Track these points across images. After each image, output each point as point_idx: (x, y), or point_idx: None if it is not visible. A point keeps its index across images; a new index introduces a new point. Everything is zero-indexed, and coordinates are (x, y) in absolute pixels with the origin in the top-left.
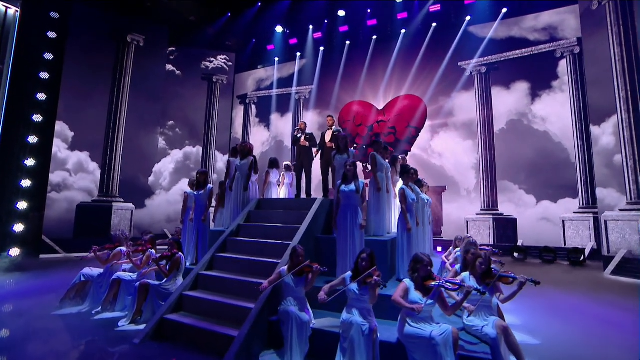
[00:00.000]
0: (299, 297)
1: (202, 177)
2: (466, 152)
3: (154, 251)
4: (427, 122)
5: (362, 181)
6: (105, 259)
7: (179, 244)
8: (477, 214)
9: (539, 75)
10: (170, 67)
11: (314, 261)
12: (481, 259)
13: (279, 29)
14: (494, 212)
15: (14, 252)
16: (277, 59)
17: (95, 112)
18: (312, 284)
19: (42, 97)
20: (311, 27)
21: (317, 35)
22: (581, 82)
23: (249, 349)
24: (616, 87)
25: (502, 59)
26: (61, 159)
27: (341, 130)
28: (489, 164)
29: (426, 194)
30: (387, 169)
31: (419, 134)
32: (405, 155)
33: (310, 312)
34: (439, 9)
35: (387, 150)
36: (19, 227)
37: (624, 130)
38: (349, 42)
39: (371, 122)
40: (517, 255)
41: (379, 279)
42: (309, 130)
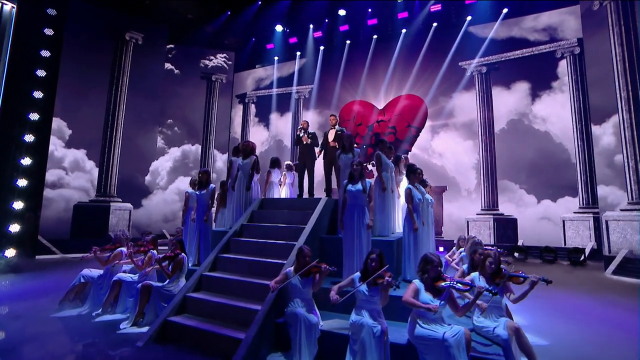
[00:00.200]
0: (306, 299)
1: (204, 177)
2: (466, 152)
3: (156, 252)
4: (428, 122)
5: (369, 181)
6: (105, 260)
7: (182, 244)
8: (477, 214)
9: (539, 75)
10: (168, 65)
11: (320, 261)
12: (491, 259)
13: (279, 28)
14: (495, 212)
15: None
16: (277, 58)
17: (92, 111)
18: (320, 284)
19: (38, 95)
20: (311, 26)
21: (317, 34)
22: (581, 83)
23: (256, 351)
24: (617, 88)
25: (502, 59)
26: (57, 158)
27: (344, 129)
28: (489, 164)
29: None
30: (391, 169)
31: (419, 133)
32: (406, 155)
33: (317, 313)
34: (439, 8)
35: (391, 149)
36: (14, 228)
37: (625, 130)
38: (349, 42)
39: (371, 121)
40: (518, 255)
41: (391, 279)
42: (309, 130)
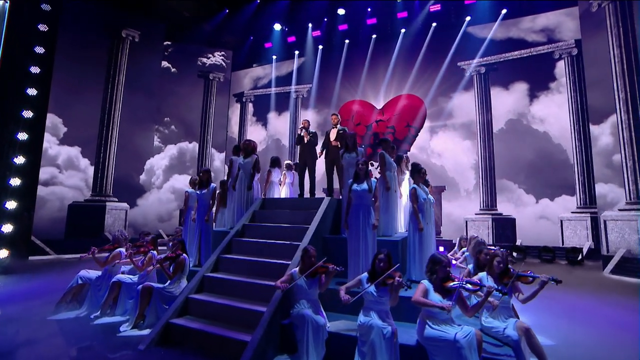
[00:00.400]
0: (312, 299)
1: (205, 176)
2: (465, 152)
3: (156, 252)
4: (427, 122)
5: (375, 180)
6: (104, 261)
7: (183, 245)
8: (476, 214)
9: (538, 76)
10: (165, 63)
11: (326, 261)
12: (499, 258)
13: (277, 27)
14: (493, 212)
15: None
16: (275, 57)
17: (87, 109)
18: (327, 285)
19: (32, 92)
20: (310, 25)
21: (316, 33)
22: (579, 84)
23: (263, 354)
24: (615, 88)
25: (501, 60)
26: (51, 156)
27: (346, 129)
28: (488, 164)
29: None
30: (394, 168)
31: (418, 133)
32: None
33: (324, 314)
34: (439, 8)
35: (394, 149)
36: (7, 228)
37: (624, 131)
38: (348, 41)
39: (370, 121)
40: (516, 254)
41: (401, 279)
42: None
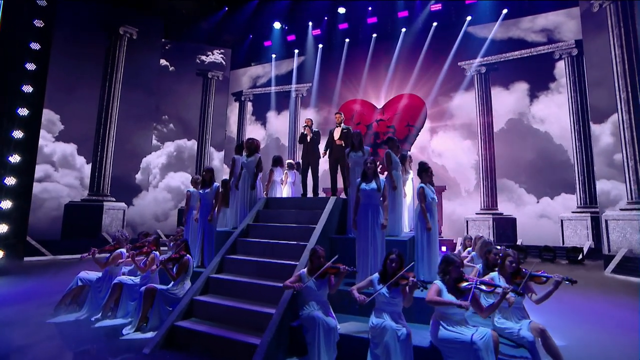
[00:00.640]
0: (322, 301)
1: (208, 175)
2: (465, 151)
3: (158, 253)
4: (427, 121)
5: (383, 179)
6: (104, 262)
7: (187, 245)
8: (476, 214)
9: (538, 76)
10: (163, 61)
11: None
12: (511, 258)
13: (277, 25)
14: (494, 211)
15: None
16: (274, 56)
17: (84, 106)
18: (337, 286)
19: (27, 89)
20: (310, 24)
21: (316, 32)
22: (579, 84)
23: (272, 357)
24: (617, 89)
25: (501, 60)
26: (46, 153)
27: (350, 127)
28: (488, 163)
29: None
30: (400, 168)
31: (419, 133)
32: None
33: (334, 316)
34: (439, 8)
35: (399, 148)
36: (2, 228)
37: (625, 130)
38: (348, 40)
39: (370, 121)
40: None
41: (415, 279)
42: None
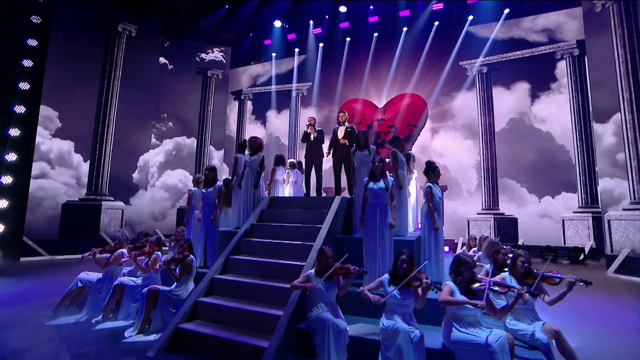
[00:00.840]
0: (331, 302)
1: (211, 174)
2: (467, 151)
3: (160, 253)
4: (428, 121)
5: (391, 178)
6: (105, 262)
7: (190, 245)
8: (478, 214)
9: (539, 76)
10: (162, 59)
11: (345, 262)
12: (522, 258)
13: (278, 24)
14: (495, 211)
15: None
16: (275, 55)
17: (82, 104)
18: (347, 287)
19: (24, 86)
20: (311, 23)
21: (317, 31)
22: (580, 84)
23: None
24: (620, 89)
25: (502, 60)
26: (43, 151)
27: (354, 126)
28: (489, 163)
29: None
30: (405, 167)
31: (420, 133)
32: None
33: (343, 318)
34: (441, 7)
35: (404, 147)
36: None
37: (628, 130)
38: (349, 39)
39: (371, 120)
40: None
41: (429, 280)
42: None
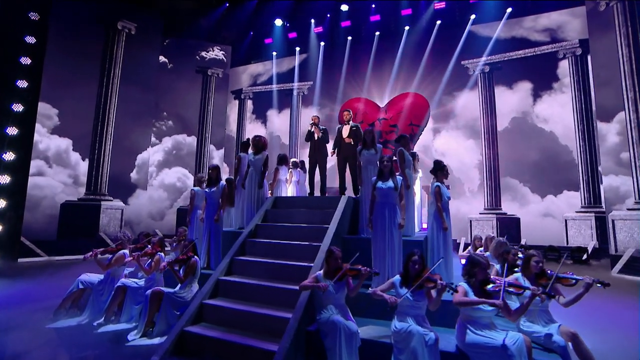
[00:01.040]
0: (340, 304)
1: (214, 173)
2: (469, 151)
3: (163, 254)
4: (430, 120)
5: (400, 178)
6: (106, 264)
7: (195, 246)
8: (480, 213)
9: (542, 75)
10: (163, 58)
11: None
12: (536, 258)
13: (278, 23)
14: (498, 211)
15: None
16: (275, 54)
17: (81, 103)
18: (357, 289)
19: (22, 84)
20: (313, 21)
21: (318, 29)
22: (583, 83)
23: None
24: (624, 88)
25: (505, 59)
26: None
27: (359, 125)
28: (492, 163)
29: None
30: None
31: (422, 132)
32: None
33: (353, 320)
34: (443, 6)
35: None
36: None
37: (632, 130)
38: (350, 38)
39: (373, 119)
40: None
41: (444, 282)
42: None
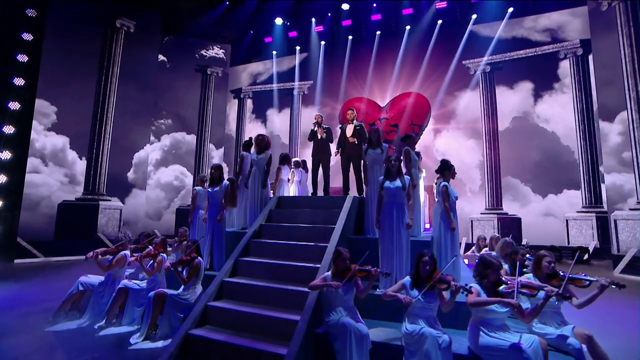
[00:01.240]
0: (349, 306)
1: (217, 173)
2: (470, 151)
3: (166, 255)
4: (431, 120)
5: (408, 177)
6: (107, 265)
7: (198, 247)
8: (481, 213)
9: (543, 75)
10: (161, 57)
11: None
12: (549, 258)
13: (279, 21)
14: (499, 211)
15: None
16: (275, 53)
17: (78, 102)
18: (367, 290)
19: (19, 82)
20: (313, 20)
21: (319, 28)
22: (584, 83)
23: None
24: (626, 88)
25: (505, 59)
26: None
27: (362, 124)
28: (493, 163)
29: None
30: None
31: (423, 132)
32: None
33: (363, 322)
34: (445, 5)
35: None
36: None
37: (635, 130)
38: (351, 37)
39: (374, 119)
40: None
41: (457, 283)
42: (310, 127)
